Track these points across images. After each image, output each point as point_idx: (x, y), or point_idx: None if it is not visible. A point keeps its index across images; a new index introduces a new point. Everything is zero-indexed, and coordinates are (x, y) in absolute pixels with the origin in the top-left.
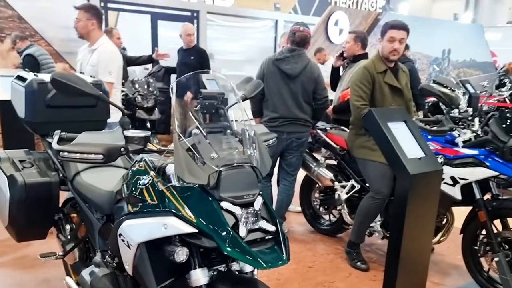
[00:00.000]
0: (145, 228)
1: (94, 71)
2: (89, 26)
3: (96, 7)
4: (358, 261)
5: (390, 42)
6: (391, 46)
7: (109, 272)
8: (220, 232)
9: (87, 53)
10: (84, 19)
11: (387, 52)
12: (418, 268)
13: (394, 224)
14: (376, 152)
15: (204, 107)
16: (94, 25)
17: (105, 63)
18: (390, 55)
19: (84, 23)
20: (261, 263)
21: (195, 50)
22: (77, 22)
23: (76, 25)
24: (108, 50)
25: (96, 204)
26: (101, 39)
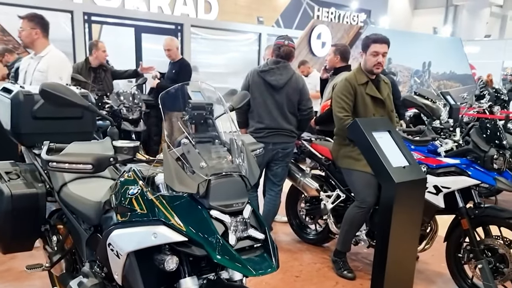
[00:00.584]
0: (135, 237)
1: (43, 77)
2: (33, 35)
3: (41, 16)
4: (345, 269)
5: (374, 56)
6: (375, 60)
7: (98, 282)
8: (210, 240)
9: (33, 61)
10: (28, 28)
11: (370, 66)
12: (404, 276)
13: (380, 231)
14: (361, 162)
15: (192, 117)
16: (38, 34)
17: (56, 69)
18: (374, 68)
19: (28, 32)
20: (251, 270)
21: (178, 63)
22: (21, 32)
23: (20, 35)
24: (58, 56)
25: (84, 215)
26: (48, 47)
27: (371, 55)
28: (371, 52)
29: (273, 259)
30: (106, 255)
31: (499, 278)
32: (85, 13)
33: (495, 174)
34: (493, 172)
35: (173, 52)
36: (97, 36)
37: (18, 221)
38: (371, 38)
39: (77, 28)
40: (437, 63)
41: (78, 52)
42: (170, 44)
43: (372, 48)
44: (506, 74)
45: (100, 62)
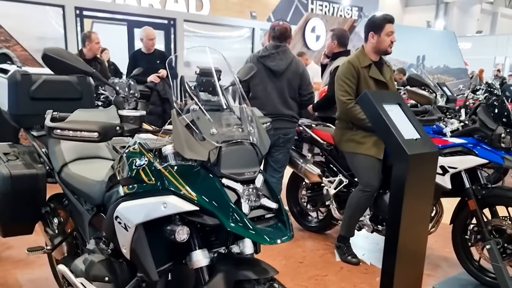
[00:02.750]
0: (144, 208)
1: None
2: None
3: None
4: (349, 255)
5: (389, 35)
6: (389, 40)
7: (104, 258)
8: (223, 208)
9: None
10: None
11: (386, 46)
12: (416, 255)
13: (392, 207)
14: (364, 145)
15: (201, 83)
16: None
17: None
18: (389, 48)
19: None
20: (266, 238)
21: (159, 54)
22: None
23: None
24: None
25: (86, 195)
26: None
27: (387, 35)
28: (387, 32)
29: (287, 228)
30: (113, 229)
31: (508, 259)
32: (77, 7)
33: (502, 152)
34: (501, 150)
35: (155, 41)
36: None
37: (18, 202)
38: (384, 18)
39: (68, 23)
40: (431, 57)
41: (70, 47)
42: (153, 33)
43: (388, 28)
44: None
45: (94, 54)
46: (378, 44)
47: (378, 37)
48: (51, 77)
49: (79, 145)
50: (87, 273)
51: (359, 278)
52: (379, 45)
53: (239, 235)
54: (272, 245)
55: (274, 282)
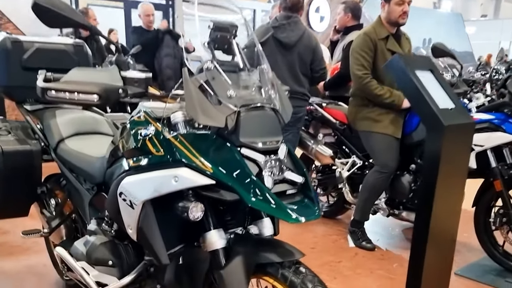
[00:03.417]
0: (151, 182)
1: None
2: None
3: None
4: (363, 240)
5: (400, 5)
6: (400, 10)
7: (107, 240)
8: (243, 181)
9: None
10: None
11: (396, 16)
12: (448, 237)
13: (425, 184)
14: (381, 123)
15: (215, 40)
16: None
17: None
18: (400, 19)
19: None
20: (292, 215)
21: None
22: None
23: None
24: None
25: (85, 173)
26: None
27: (396, 4)
28: (396, 1)
29: (315, 204)
30: (116, 207)
31: None
32: None
33: None
34: None
35: (153, 18)
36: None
37: (12, 181)
38: None
39: None
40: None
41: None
42: (151, 9)
43: None
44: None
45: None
46: (389, 15)
47: (388, 7)
48: (45, 45)
49: (77, 120)
50: (89, 256)
51: (375, 264)
52: (389, 16)
53: (257, 214)
54: (298, 223)
55: (300, 266)
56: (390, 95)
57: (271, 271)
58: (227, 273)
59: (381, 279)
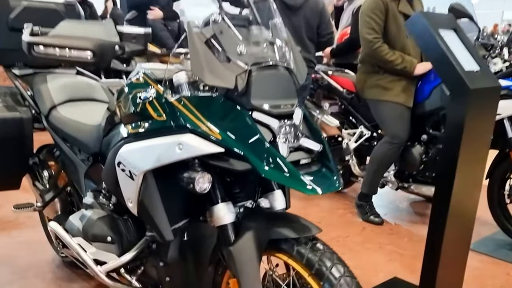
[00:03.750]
0: (153, 151)
1: None
2: None
3: None
4: (371, 214)
5: None
6: None
7: (105, 214)
8: (255, 149)
9: None
10: None
11: None
12: (468, 209)
13: (447, 153)
14: (391, 91)
15: None
16: None
17: None
18: None
19: None
20: (312, 187)
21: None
22: None
23: None
24: None
25: (80, 142)
26: None
27: None
28: None
29: (334, 174)
30: (114, 178)
31: None
32: None
33: None
34: None
35: None
36: None
37: (1, 151)
38: None
39: None
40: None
41: None
42: None
43: None
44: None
45: None
46: None
47: None
48: (33, 4)
49: (70, 85)
50: (85, 232)
51: (384, 239)
52: None
53: (268, 186)
54: (316, 195)
55: (317, 242)
56: (402, 60)
57: (285, 247)
58: (237, 250)
59: (391, 254)
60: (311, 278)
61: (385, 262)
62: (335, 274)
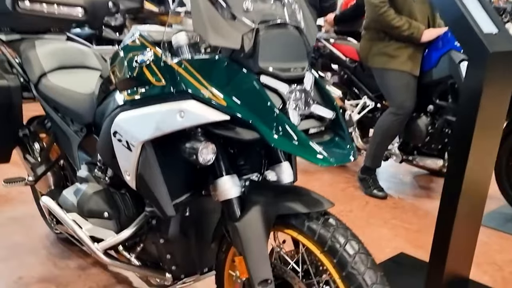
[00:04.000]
0: (152, 119)
1: None
2: None
3: None
4: (375, 188)
5: None
6: None
7: (101, 188)
8: (264, 116)
9: None
10: None
11: None
12: (482, 182)
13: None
14: (397, 59)
15: None
16: None
17: None
18: None
19: None
20: (324, 157)
21: None
22: None
23: None
24: None
25: (72, 112)
26: None
27: None
28: None
29: (348, 144)
30: (110, 149)
31: None
32: None
33: None
34: None
35: None
36: None
37: None
38: None
39: None
40: None
41: None
42: None
43: None
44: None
45: None
46: None
47: None
48: None
49: (60, 52)
50: (81, 207)
51: (388, 214)
52: None
53: (274, 158)
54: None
55: (329, 217)
56: (409, 26)
57: (295, 223)
58: (243, 226)
59: (396, 229)
60: (323, 256)
61: (391, 237)
62: (349, 251)
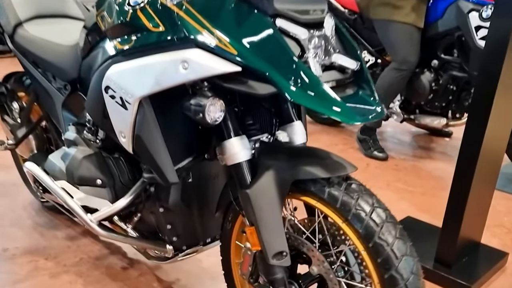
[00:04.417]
0: (151, 71)
1: None
2: None
3: None
4: (375, 149)
5: None
6: None
7: (92, 152)
8: (282, 67)
9: None
10: None
11: None
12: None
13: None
14: (401, 10)
15: None
16: None
17: None
18: None
19: None
20: (352, 114)
21: None
22: None
23: None
24: None
25: (54, 67)
26: None
27: None
28: None
29: (373, 98)
30: (102, 107)
31: None
32: None
33: None
34: None
35: None
36: None
37: None
38: None
39: None
40: None
41: None
42: None
43: None
44: None
45: None
46: None
47: None
48: None
49: None
50: (70, 174)
51: (391, 176)
52: None
53: (286, 117)
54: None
55: (352, 182)
56: None
57: (315, 189)
58: (255, 193)
59: (400, 192)
60: (346, 225)
61: (395, 200)
62: (376, 220)
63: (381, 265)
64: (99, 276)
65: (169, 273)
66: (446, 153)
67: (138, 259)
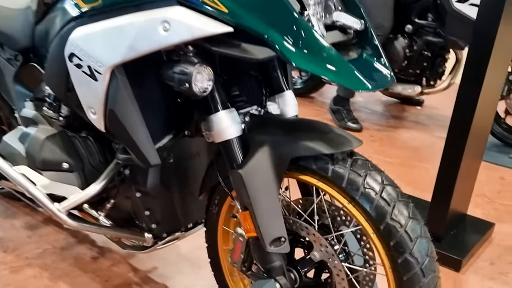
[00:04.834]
0: (124, 34)
1: None
2: None
3: None
4: (349, 120)
5: None
6: None
7: (55, 132)
8: (281, 27)
9: None
10: None
11: None
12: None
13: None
14: None
15: None
16: None
17: None
18: None
19: None
20: (361, 81)
21: None
22: None
23: None
24: None
25: (2, 34)
26: None
27: None
28: None
29: (381, 61)
30: (65, 80)
31: None
32: None
33: None
34: None
35: None
36: None
37: None
38: None
39: None
40: None
41: None
42: None
43: None
44: None
45: None
46: None
47: None
48: None
49: None
50: (31, 157)
51: (367, 147)
52: None
53: (276, 87)
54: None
55: (358, 158)
56: None
57: (316, 167)
58: (249, 173)
59: (378, 164)
60: (352, 206)
61: None
62: (387, 199)
63: (394, 249)
64: (67, 268)
65: (144, 262)
66: (419, 122)
67: (109, 247)
